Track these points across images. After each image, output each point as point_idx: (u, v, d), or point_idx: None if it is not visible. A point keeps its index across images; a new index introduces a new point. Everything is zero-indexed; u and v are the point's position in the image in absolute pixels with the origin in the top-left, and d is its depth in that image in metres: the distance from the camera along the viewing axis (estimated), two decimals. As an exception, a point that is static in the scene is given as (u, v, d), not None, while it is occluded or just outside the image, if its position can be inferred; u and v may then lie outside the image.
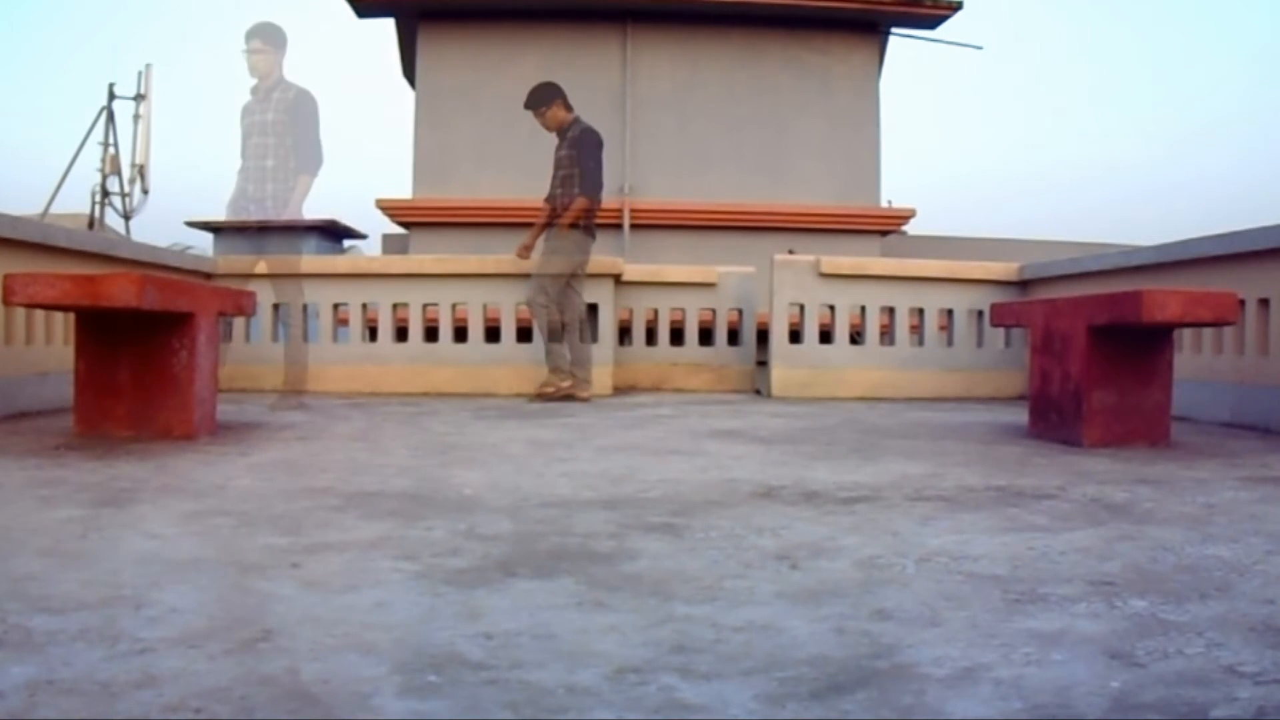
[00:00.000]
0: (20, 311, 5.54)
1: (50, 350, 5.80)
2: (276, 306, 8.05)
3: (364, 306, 8.17)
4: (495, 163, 13.12)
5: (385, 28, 14.62)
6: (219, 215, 7.90)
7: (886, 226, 13.68)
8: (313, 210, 6.74)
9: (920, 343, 8.07)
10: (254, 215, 6.13)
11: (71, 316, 4.78)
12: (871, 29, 13.59)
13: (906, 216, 13.79)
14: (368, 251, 20.35)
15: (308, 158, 6.18)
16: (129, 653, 1.51)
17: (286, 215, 6.10)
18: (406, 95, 15.35)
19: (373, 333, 8.31)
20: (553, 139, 7.52)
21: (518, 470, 3.59)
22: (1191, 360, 5.86)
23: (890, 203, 14.33)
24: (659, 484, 3.24)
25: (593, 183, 6.91)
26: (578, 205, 6.80)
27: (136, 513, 2.66)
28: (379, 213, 13.49)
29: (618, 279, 8.17)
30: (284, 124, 6.10)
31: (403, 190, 13.73)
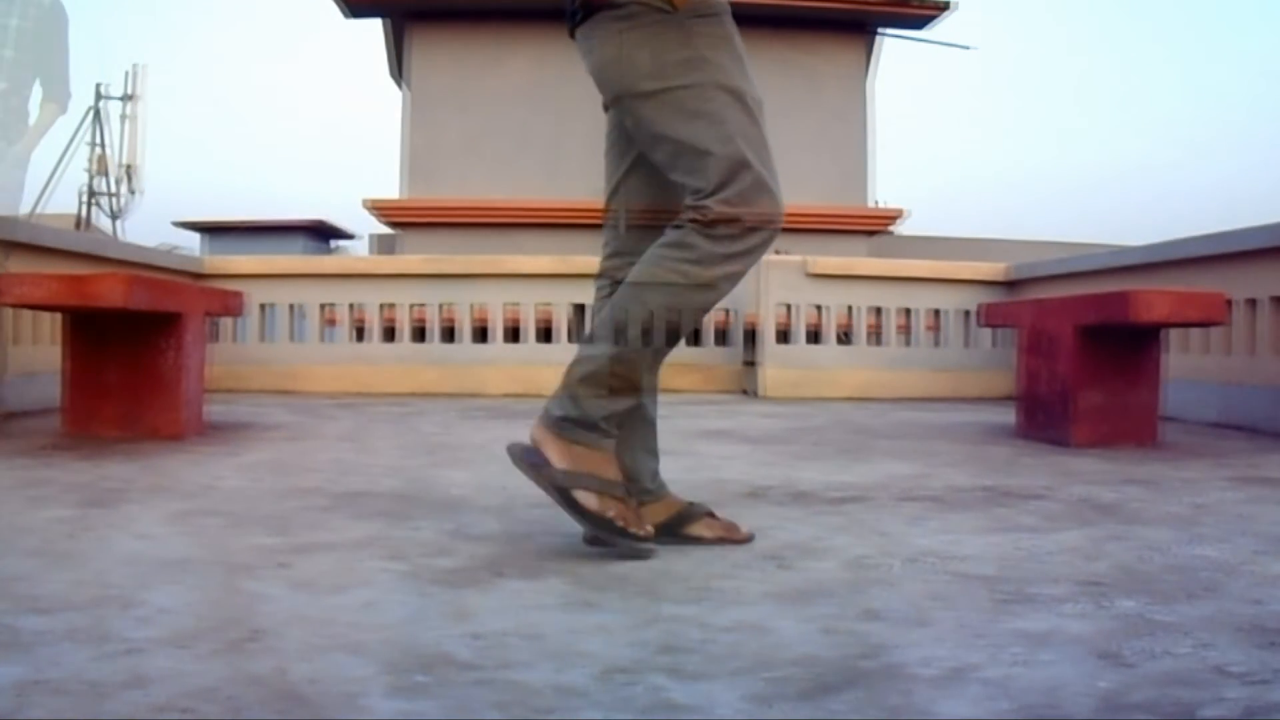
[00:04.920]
0: (8, 311, 5.52)
1: (38, 350, 5.78)
2: (263, 307, 8.05)
3: (352, 307, 8.17)
4: (485, 163, 13.11)
5: (376, 27, 14.57)
6: (208, 216, 7.65)
7: (875, 227, 13.70)
8: (301, 210, 6.44)
9: (909, 343, 8.09)
10: None
11: (60, 317, 4.76)
12: (860, 29, 13.62)
13: (895, 216, 13.81)
14: (356, 251, 20.27)
15: (55, 83, 4.78)
16: (117, 653, 1.50)
17: (17, 154, 4.70)
18: (396, 95, 15.33)
19: (361, 333, 8.31)
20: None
21: (506, 470, 3.56)
22: (1179, 360, 5.88)
23: (879, 203, 14.36)
24: (648, 484, 3.23)
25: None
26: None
27: (125, 513, 2.65)
28: (368, 213, 13.47)
29: (607, 279, 8.15)
30: (29, 35, 4.59)
31: (392, 190, 13.72)
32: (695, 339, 8.43)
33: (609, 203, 2.48)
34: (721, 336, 8.49)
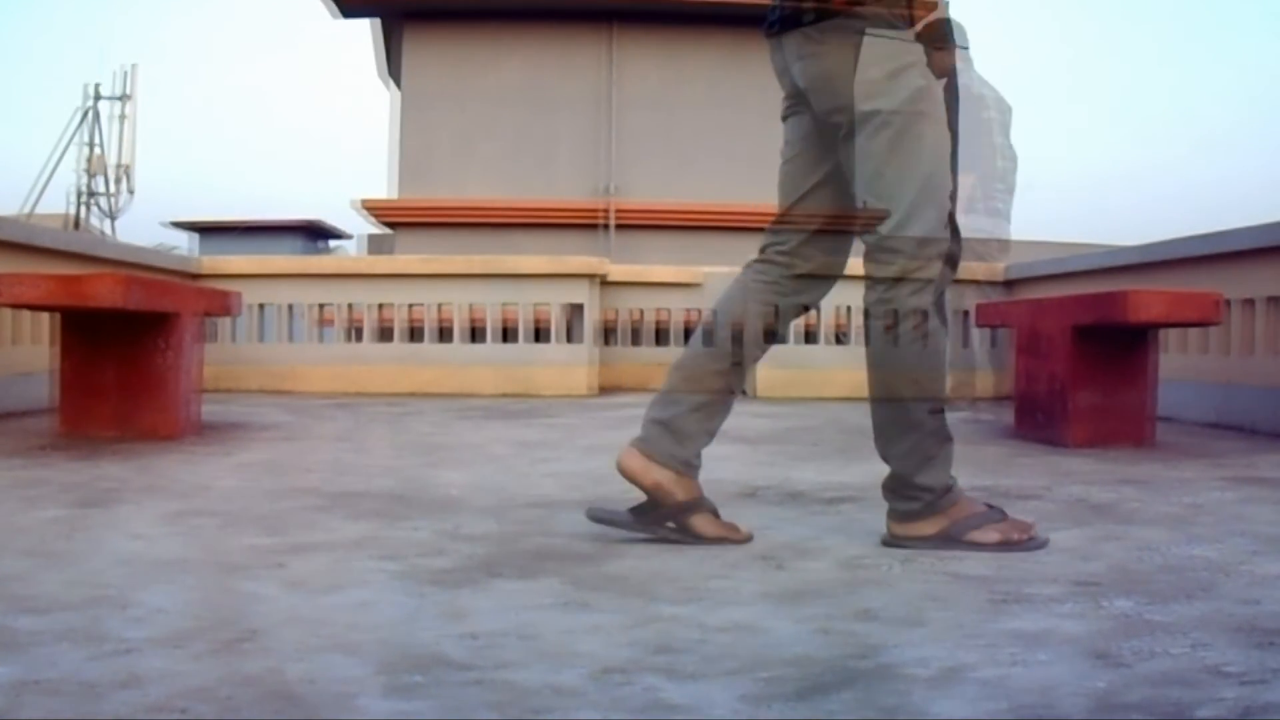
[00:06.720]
0: (4, 311, 5.51)
1: (35, 350, 5.76)
2: (261, 306, 8.04)
3: (348, 307, 8.16)
4: (480, 163, 13.11)
5: (371, 27, 14.56)
6: (203, 216, 7.66)
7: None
8: (296, 210, 6.45)
9: (905, 343, 8.08)
10: None
11: (56, 317, 4.76)
12: (857, 30, 13.61)
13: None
14: (352, 252, 20.25)
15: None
16: (113, 653, 1.50)
17: None
18: (392, 95, 15.32)
19: (357, 333, 8.30)
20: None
21: (502, 470, 3.59)
22: (1176, 360, 5.88)
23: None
24: (644, 484, 3.23)
25: None
26: None
27: (121, 513, 2.65)
28: (362, 213, 13.46)
29: (602, 279, 8.16)
30: None
31: (386, 190, 13.71)
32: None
33: (792, 208, 2.53)
34: (717, 337, 8.48)
